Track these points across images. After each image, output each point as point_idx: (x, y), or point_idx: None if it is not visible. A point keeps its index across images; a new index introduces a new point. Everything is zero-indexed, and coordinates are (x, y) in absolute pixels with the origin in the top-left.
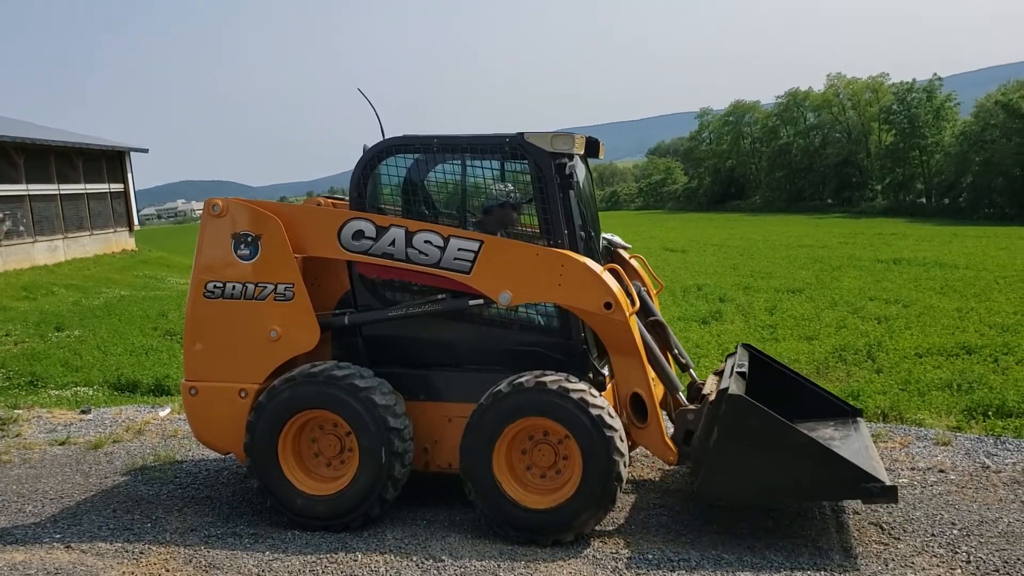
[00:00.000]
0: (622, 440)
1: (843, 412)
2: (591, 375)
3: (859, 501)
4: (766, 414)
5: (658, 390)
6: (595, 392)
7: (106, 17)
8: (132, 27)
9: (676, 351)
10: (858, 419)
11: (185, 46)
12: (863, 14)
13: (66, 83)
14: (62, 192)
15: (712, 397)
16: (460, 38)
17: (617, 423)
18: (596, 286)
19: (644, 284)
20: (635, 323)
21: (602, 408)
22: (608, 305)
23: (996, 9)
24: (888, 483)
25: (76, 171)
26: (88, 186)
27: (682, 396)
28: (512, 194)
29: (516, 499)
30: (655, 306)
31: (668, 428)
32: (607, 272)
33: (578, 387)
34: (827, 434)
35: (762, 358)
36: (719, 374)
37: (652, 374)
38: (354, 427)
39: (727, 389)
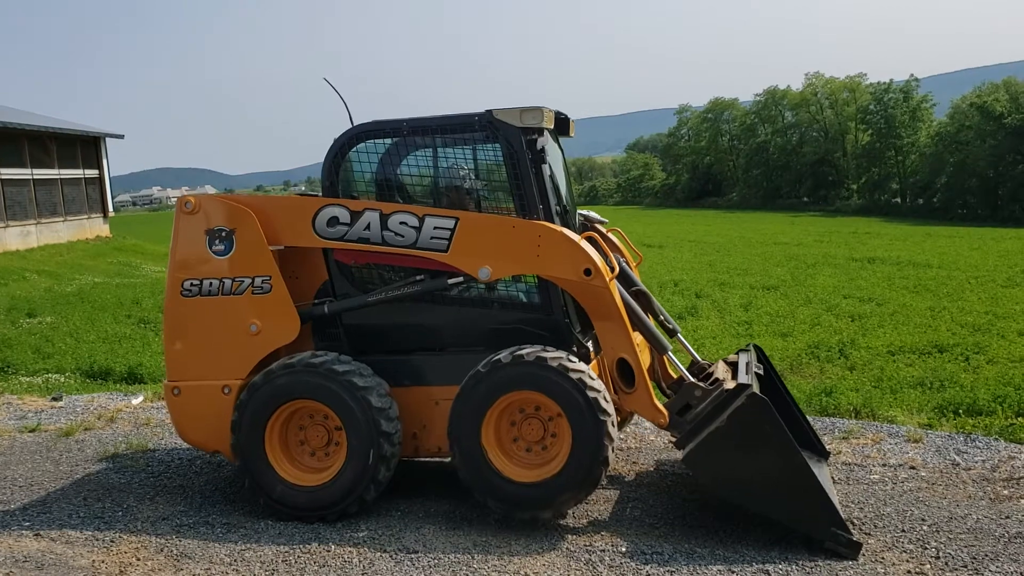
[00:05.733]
0: (614, 425)
1: (813, 447)
2: (575, 348)
3: (834, 486)
4: (780, 427)
5: (644, 357)
6: (593, 375)
7: (82, 1)
8: (109, 11)
9: (662, 317)
10: (823, 460)
11: (163, 31)
12: (843, 13)
13: (41, 67)
14: (35, 177)
15: (727, 385)
16: (442, 29)
17: (611, 408)
18: (574, 254)
19: (623, 256)
20: (616, 288)
21: (599, 392)
22: (588, 272)
23: (973, 12)
24: (855, 539)
25: (50, 156)
26: (62, 171)
27: (673, 358)
28: (466, 177)
29: (499, 469)
30: (636, 276)
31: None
32: (584, 240)
33: (578, 367)
34: None
35: (767, 366)
36: (730, 364)
37: (639, 339)
38: (346, 425)
39: (749, 386)
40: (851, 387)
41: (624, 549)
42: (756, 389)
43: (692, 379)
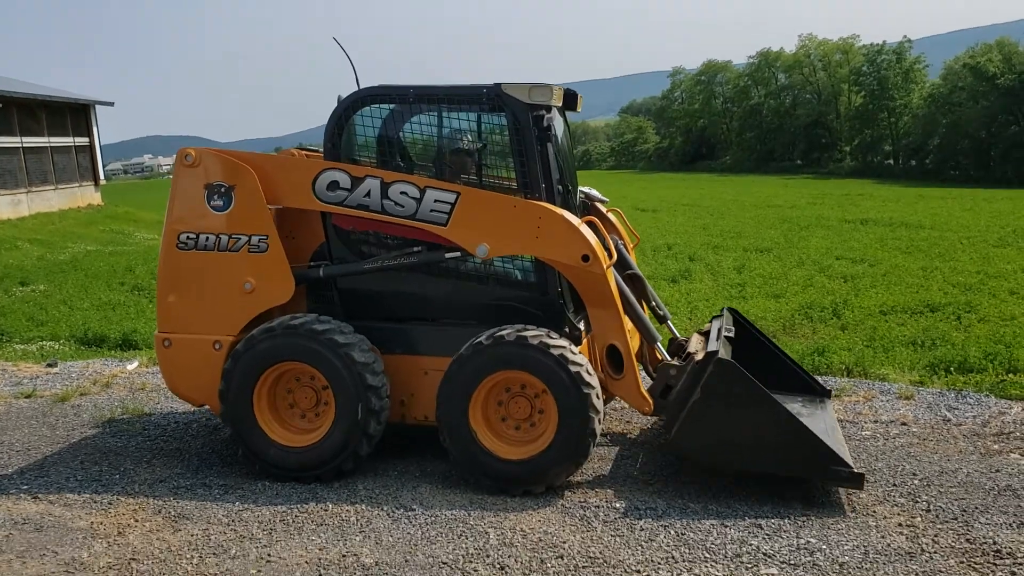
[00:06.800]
0: (599, 397)
1: (812, 390)
2: (567, 329)
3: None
4: (752, 383)
5: (634, 342)
6: (575, 349)
7: None
8: None
9: (654, 303)
10: (826, 400)
11: None
12: None
13: (29, 33)
14: (25, 145)
15: (698, 356)
16: None
17: (595, 380)
18: (574, 239)
19: (621, 238)
20: (612, 275)
21: (581, 365)
22: (586, 258)
23: None
24: (856, 470)
25: (39, 124)
26: (52, 139)
27: (660, 347)
28: (470, 141)
29: (490, 449)
30: (632, 260)
31: (644, 379)
32: (584, 225)
33: (558, 343)
34: (794, 409)
35: (745, 325)
36: (704, 334)
37: (629, 326)
38: (332, 382)
39: (716, 352)
40: (843, 346)
41: (618, 505)
42: (726, 352)
43: (668, 359)
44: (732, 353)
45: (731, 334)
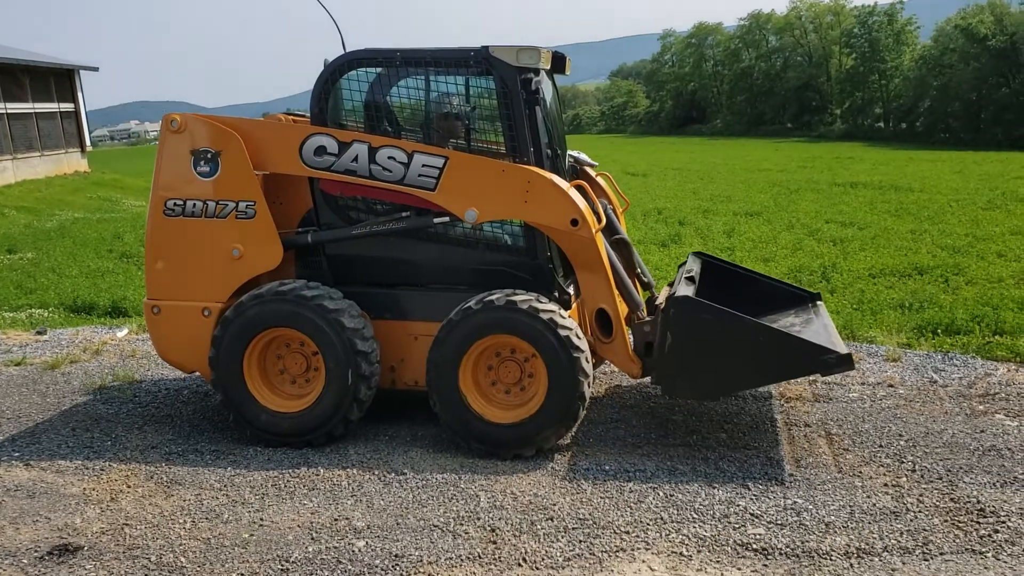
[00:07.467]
0: (588, 361)
1: (802, 299)
2: (556, 294)
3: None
4: (714, 309)
5: (623, 307)
6: (564, 313)
7: None
8: None
9: (639, 270)
10: (817, 303)
11: None
12: None
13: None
14: (9, 111)
15: (663, 306)
16: None
17: (584, 344)
18: (563, 203)
19: (610, 202)
20: (601, 240)
21: (570, 329)
22: (575, 222)
23: None
24: (843, 352)
25: (23, 89)
26: (36, 105)
27: (643, 313)
28: (458, 105)
29: (480, 412)
30: (621, 224)
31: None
32: (573, 189)
33: (548, 307)
34: (788, 321)
35: (716, 263)
36: (672, 285)
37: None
38: (321, 348)
39: (672, 294)
40: (832, 309)
41: (608, 467)
42: (684, 291)
43: (643, 317)
44: (711, 290)
45: (691, 274)
